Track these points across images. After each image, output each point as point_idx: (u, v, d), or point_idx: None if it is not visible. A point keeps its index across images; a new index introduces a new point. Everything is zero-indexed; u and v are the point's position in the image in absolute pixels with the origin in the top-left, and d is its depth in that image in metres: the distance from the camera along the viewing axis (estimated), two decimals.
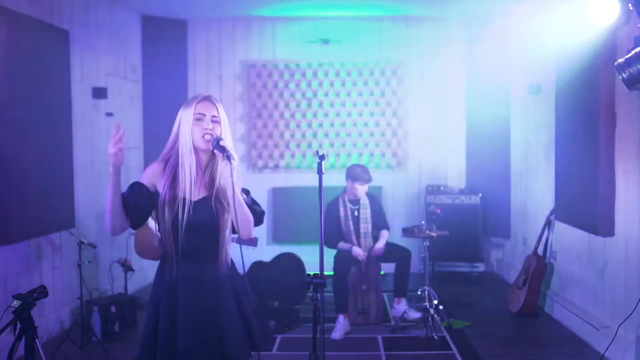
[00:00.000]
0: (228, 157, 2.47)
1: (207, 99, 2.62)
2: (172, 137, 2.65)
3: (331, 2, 6.70)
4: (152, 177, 2.59)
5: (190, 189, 2.53)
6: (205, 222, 2.54)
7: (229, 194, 2.53)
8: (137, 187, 2.58)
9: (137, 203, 2.56)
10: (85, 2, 5.85)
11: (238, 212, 2.52)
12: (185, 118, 2.61)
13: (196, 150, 2.59)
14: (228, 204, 2.55)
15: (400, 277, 5.57)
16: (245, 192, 2.69)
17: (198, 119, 2.58)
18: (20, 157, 4.64)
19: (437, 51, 7.56)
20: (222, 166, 2.58)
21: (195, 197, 2.54)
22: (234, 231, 2.63)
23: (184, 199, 2.51)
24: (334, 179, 7.02)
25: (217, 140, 2.54)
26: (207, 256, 2.58)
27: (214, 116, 2.59)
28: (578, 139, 4.98)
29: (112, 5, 6.38)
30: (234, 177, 2.46)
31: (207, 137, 2.56)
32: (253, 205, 2.68)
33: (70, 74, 5.42)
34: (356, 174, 5.44)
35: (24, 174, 4.68)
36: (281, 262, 6.10)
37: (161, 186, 2.56)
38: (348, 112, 7.54)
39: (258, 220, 2.69)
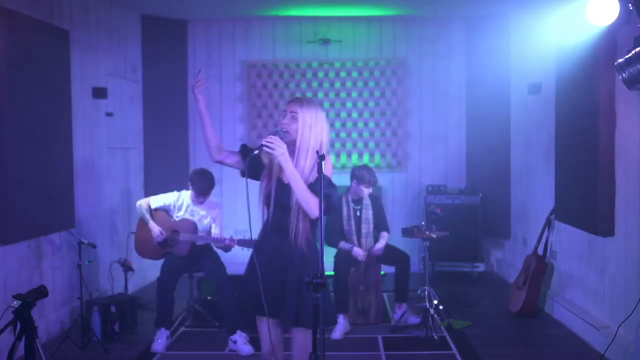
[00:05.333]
0: (259, 147, 2.90)
1: (294, 98, 3.12)
2: None
3: (331, 2, 6.70)
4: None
5: (278, 172, 3.03)
6: (281, 202, 3.00)
7: (286, 179, 2.96)
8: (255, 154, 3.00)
9: (253, 160, 3.00)
10: (85, 2, 5.85)
11: (295, 192, 2.93)
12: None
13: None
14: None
15: (400, 282, 5.56)
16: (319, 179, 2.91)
17: (282, 115, 3.07)
18: (20, 157, 4.64)
19: (437, 51, 7.56)
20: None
21: (285, 181, 2.98)
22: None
23: (279, 179, 3.02)
24: (334, 179, 7.01)
25: (276, 132, 2.95)
26: (283, 230, 3.01)
27: (292, 112, 3.00)
28: (578, 139, 4.98)
29: (112, 5, 6.38)
30: (282, 164, 2.89)
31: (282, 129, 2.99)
32: (318, 190, 2.83)
33: (70, 74, 5.42)
34: (363, 176, 5.41)
35: (24, 174, 4.68)
36: None
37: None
38: (348, 112, 7.54)
39: (326, 203, 2.91)
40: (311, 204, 2.92)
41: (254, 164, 3.03)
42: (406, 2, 6.69)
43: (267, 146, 2.86)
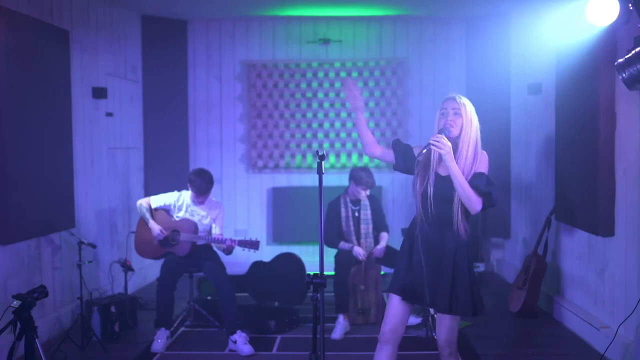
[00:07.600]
0: (426, 146, 3.06)
1: (451, 97, 3.22)
2: None
3: (331, 2, 6.70)
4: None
5: (436, 167, 3.17)
6: (443, 195, 3.13)
7: (444, 172, 3.13)
8: (407, 148, 3.33)
9: (406, 154, 3.29)
10: (85, 2, 5.85)
11: (458, 191, 3.08)
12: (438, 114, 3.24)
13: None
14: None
15: None
16: (479, 175, 3.14)
17: (442, 114, 3.20)
18: (20, 157, 4.64)
19: (437, 51, 7.56)
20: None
21: (443, 174, 3.14)
22: None
23: (436, 173, 3.16)
24: (334, 179, 7.03)
25: (441, 130, 3.11)
26: (442, 221, 3.17)
27: (454, 108, 3.16)
28: (578, 139, 4.98)
29: (112, 5, 6.38)
30: (447, 163, 3.04)
31: (448, 126, 3.13)
32: (479, 186, 3.12)
33: (70, 74, 5.42)
34: (360, 178, 5.43)
35: (24, 174, 4.68)
36: (281, 262, 6.11)
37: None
38: (348, 112, 7.54)
39: (486, 201, 3.16)
40: (473, 201, 3.10)
41: (403, 157, 3.27)
42: (406, 2, 6.69)
43: (434, 145, 3.01)
